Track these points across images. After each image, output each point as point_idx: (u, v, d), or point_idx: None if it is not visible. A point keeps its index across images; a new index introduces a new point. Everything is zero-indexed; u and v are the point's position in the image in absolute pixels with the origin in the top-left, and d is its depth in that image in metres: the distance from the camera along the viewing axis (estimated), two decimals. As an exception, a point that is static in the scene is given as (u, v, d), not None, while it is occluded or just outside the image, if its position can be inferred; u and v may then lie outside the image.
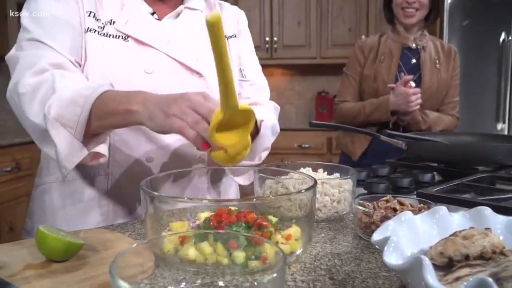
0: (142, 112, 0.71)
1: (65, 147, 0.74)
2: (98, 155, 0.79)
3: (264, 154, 1.00)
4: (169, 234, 0.58)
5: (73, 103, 0.74)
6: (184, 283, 0.51)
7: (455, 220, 0.60)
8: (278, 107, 1.10)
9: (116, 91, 0.77)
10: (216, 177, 0.99)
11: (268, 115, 0.98)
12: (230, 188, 1.04)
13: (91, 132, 0.77)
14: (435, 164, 1.13)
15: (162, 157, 0.90)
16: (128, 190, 0.90)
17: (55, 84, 0.76)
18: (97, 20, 0.88)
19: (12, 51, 0.85)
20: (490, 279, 0.37)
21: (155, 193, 0.61)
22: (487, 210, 0.60)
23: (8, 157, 2.48)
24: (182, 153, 0.92)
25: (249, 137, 0.74)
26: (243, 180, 0.98)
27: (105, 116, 0.74)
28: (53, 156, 0.77)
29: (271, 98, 1.11)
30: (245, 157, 0.75)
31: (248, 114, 0.69)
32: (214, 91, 0.90)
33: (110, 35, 0.87)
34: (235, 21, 1.06)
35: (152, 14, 0.94)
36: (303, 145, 3.41)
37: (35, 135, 0.79)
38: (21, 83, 0.79)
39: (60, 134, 0.74)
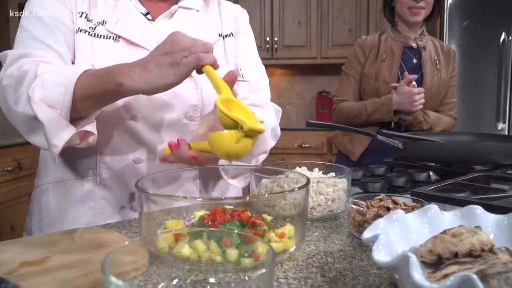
0: (137, 80, 0.71)
1: (53, 125, 0.74)
2: (87, 134, 0.79)
3: (262, 157, 0.99)
4: (163, 232, 0.59)
5: (56, 83, 0.74)
6: (176, 280, 0.51)
7: (446, 218, 0.61)
8: (280, 109, 1.08)
9: (96, 69, 0.77)
10: (208, 181, 0.98)
11: (268, 117, 0.96)
12: (227, 192, 1.02)
13: (77, 115, 0.77)
14: (432, 164, 1.14)
15: (150, 159, 0.90)
16: (116, 190, 0.91)
17: (37, 71, 0.77)
18: (89, 20, 0.89)
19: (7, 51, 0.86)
20: (474, 275, 0.38)
21: (150, 192, 0.62)
22: (478, 209, 0.60)
23: (9, 157, 2.50)
24: None
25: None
26: (239, 182, 0.95)
27: (92, 94, 0.75)
28: (42, 145, 0.77)
29: (272, 99, 1.09)
30: (248, 151, 0.71)
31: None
32: (203, 91, 0.91)
33: (100, 36, 0.88)
34: (233, 20, 1.05)
35: (147, 14, 0.94)
36: (304, 145, 3.42)
37: (22, 127, 0.79)
38: (4, 77, 0.80)
39: (47, 113, 0.74)
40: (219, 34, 1.00)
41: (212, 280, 0.51)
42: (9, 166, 2.49)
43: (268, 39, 3.64)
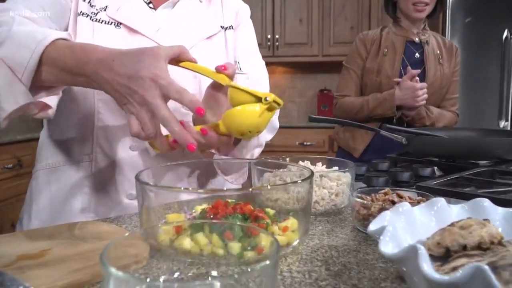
0: (95, 81, 0.68)
1: (7, 88, 0.69)
2: (46, 107, 0.76)
3: (257, 152, 0.97)
4: (164, 224, 0.58)
5: (24, 45, 0.69)
6: (178, 273, 0.50)
7: (453, 211, 0.59)
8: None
9: (74, 43, 0.72)
10: (206, 178, 0.96)
11: None
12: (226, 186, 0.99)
13: (42, 84, 0.72)
14: (436, 159, 1.13)
15: (146, 146, 0.88)
16: (111, 177, 0.89)
17: (13, 27, 0.72)
18: (92, 6, 0.87)
19: None
20: (485, 266, 0.36)
21: (151, 183, 0.61)
22: (486, 202, 0.59)
23: (9, 154, 2.49)
24: None
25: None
26: (235, 179, 0.93)
27: (59, 68, 0.70)
28: None
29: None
30: (267, 125, 0.70)
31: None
32: (201, 80, 0.89)
33: (102, 21, 0.86)
34: (234, 13, 1.04)
35: (149, 3, 0.93)
36: (305, 143, 3.41)
37: None
38: None
39: (4, 73, 0.69)
40: (220, 26, 0.99)
41: (214, 273, 0.50)
42: (9, 163, 2.48)
43: (269, 36, 3.63)
